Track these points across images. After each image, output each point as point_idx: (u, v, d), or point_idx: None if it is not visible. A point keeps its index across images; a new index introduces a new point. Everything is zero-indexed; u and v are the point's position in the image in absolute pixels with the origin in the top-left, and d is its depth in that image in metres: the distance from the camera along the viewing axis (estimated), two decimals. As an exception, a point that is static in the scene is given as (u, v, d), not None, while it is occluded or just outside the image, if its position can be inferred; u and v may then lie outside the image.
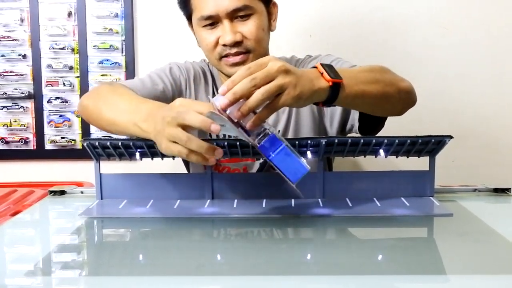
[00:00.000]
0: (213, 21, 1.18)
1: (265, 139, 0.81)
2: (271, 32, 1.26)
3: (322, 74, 0.88)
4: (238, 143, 0.96)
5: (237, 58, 1.18)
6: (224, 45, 1.17)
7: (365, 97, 0.96)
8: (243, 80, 0.80)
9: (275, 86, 0.80)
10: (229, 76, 1.23)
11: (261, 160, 1.26)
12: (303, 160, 0.81)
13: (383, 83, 1.00)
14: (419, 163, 1.06)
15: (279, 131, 1.25)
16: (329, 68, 0.90)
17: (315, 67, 0.90)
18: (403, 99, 1.06)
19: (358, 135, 1.19)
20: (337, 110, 1.24)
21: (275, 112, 1.24)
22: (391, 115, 1.10)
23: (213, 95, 1.29)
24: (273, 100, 0.82)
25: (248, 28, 1.17)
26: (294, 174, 0.79)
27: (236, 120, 0.81)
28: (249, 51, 1.18)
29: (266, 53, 1.25)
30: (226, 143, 0.98)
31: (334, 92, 0.89)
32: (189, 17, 1.25)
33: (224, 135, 1.12)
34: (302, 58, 1.33)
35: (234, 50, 1.17)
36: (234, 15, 1.16)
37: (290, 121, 1.26)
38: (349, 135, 1.26)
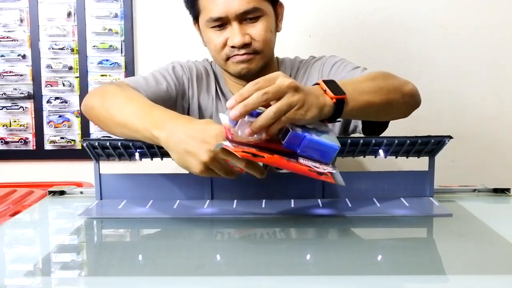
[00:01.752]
0: (221, 23, 1.17)
1: (286, 138, 0.82)
2: None
3: (325, 91, 0.88)
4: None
5: (245, 56, 1.18)
6: (232, 46, 1.17)
7: (370, 107, 0.96)
8: (255, 93, 0.80)
9: (286, 104, 0.81)
10: (234, 75, 1.23)
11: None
12: (332, 138, 0.82)
13: (387, 90, 1.00)
14: (419, 164, 1.06)
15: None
16: (331, 84, 0.90)
17: (317, 83, 0.90)
18: (407, 102, 1.06)
19: (361, 135, 1.19)
20: None
21: None
22: (397, 118, 1.09)
23: (216, 94, 1.29)
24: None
25: (256, 30, 1.17)
26: (327, 156, 0.81)
27: (245, 139, 0.82)
28: (256, 52, 1.18)
29: (272, 54, 1.25)
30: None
31: (338, 108, 0.89)
32: (195, 17, 1.24)
33: None
34: (306, 59, 1.33)
35: (242, 52, 1.17)
36: (243, 17, 1.15)
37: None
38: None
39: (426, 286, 0.69)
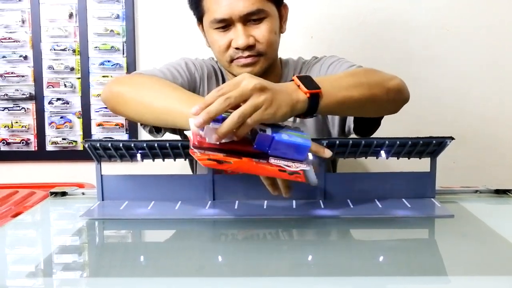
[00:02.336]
0: (225, 24, 1.16)
1: (255, 140, 0.81)
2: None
3: (299, 86, 0.89)
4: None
5: (249, 59, 1.18)
6: (236, 48, 1.17)
7: (349, 102, 0.96)
8: (217, 100, 0.81)
9: (250, 107, 0.81)
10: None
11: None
12: (304, 136, 0.82)
13: (368, 85, 0.99)
14: (420, 165, 1.06)
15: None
16: (306, 79, 0.90)
17: (292, 79, 0.90)
18: (392, 98, 1.05)
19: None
20: None
21: None
22: (383, 115, 1.09)
23: None
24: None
25: (260, 32, 1.16)
26: (299, 154, 0.80)
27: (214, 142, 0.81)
28: (260, 54, 1.18)
29: (276, 56, 1.25)
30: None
31: (313, 103, 0.89)
32: (199, 18, 1.24)
33: None
34: (308, 59, 1.33)
35: (246, 54, 1.17)
36: (248, 18, 1.15)
37: (295, 122, 1.25)
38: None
39: (428, 287, 0.69)
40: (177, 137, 1.26)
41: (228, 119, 0.80)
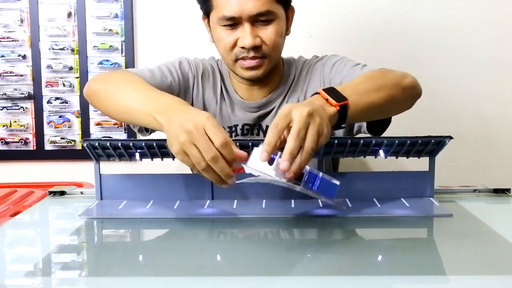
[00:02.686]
0: (233, 22, 1.16)
1: (306, 177, 0.82)
2: None
3: (327, 100, 0.88)
4: (250, 143, 0.96)
5: (253, 62, 1.17)
6: (242, 47, 1.16)
7: (372, 107, 0.96)
8: (290, 142, 0.80)
9: (315, 135, 0.81)
10: (241, 77, 1.22)
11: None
12: (331, 178, 0.84)
13: (386, 87, 1.00)
14: (419, 164, 1.06)
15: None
16: (331, 92, 0.90)
17: (317, 92, 0.90)
18: (408, 96, 1.06)
19: (361, 135, 1.18)
20: None
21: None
22: (400, 112, 1.09)
23: (221, 93, 1.29)
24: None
25: (267, 33, 1.16)
26: (332, 193, 0.83)
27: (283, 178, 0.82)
28: (265, 56, 1.18)
29: (279, 57, 1.25)
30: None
31: (342, 114, 0.89)
32: (207, 13, 1.22)
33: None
34: (309, 59, 1.32)
35: (251, 54, 1.16)
36: (256, 18, 1.15)
37: None
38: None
39: (426, 286, 0.69)
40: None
41: (304, 154, 0.80)
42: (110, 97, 1.05)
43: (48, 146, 1.85)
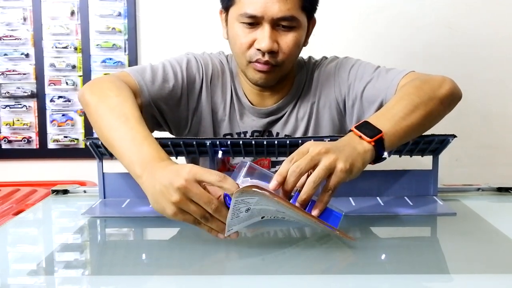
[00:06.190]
0: (254, 21, 1.10)
1: (310, 204, 0.82)
2: None
3: (361, 137, 0.87)
4: (240, 142, 0.96)
5: (265, 68, 1.12)
6: (258, 49, 1.11)
7: (410, 130, 0.94)
8: (290, 172, 0.80)
9: (323, 169, 0.80)
10: (251, 81, 1.18)
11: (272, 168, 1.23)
12: (335, 208, 0.83)
13: (422, 104, 0.96)
14: (423, 162, 1.06)
15: None
16: (364, 126, 0.88)
17: (351, 130, 0.89)
18: (447, 104, 1.03)
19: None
20: (364, 117, 1.15)
21: (294, 121, 1.21)
22: (439, 120, 1.05)
23: (231, 97, 1.23)
24: (328, 181, 0.81)
25: (286, 41, 1.11)
26: (335, 223, 0.82)
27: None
28: (278, 64, 1.13)
29: (292, 67, 1.20)
30: (228, 142, 0.97)
31: (379, 147, 0.88)
32: (226, 7, 1.17)
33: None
34: (319, 60, 1.29)
35: (266, 58, 1.11)
36: (278, 22, 1.10)
37: (309, 129, 1.22)
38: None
39: (430, 285, 0.69)
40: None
41: (305, 187, 0.80)
42: (97, 119, 0.98)
43: (51, 145, 1.85)
